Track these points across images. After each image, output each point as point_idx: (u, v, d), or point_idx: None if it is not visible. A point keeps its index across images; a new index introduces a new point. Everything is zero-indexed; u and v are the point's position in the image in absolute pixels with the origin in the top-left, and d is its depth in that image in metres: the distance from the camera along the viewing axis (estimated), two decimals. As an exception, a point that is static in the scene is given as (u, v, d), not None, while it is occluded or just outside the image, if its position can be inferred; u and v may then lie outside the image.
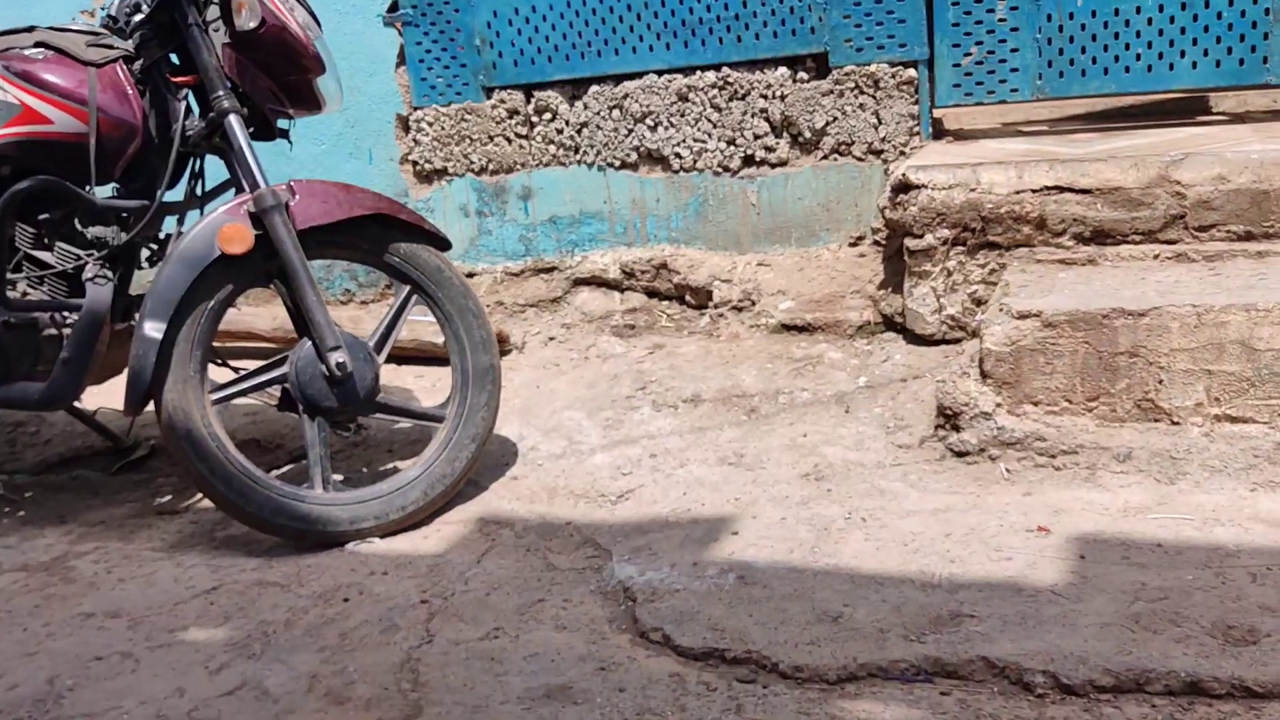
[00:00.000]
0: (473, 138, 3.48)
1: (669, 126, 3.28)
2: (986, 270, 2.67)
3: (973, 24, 2.96)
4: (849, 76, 3.09)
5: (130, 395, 2.15)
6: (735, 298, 3.15)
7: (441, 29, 3.42)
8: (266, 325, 3.36)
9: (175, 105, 2.30)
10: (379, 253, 2.30)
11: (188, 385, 2.18)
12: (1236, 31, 2.78)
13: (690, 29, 3.20)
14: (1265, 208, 2.42)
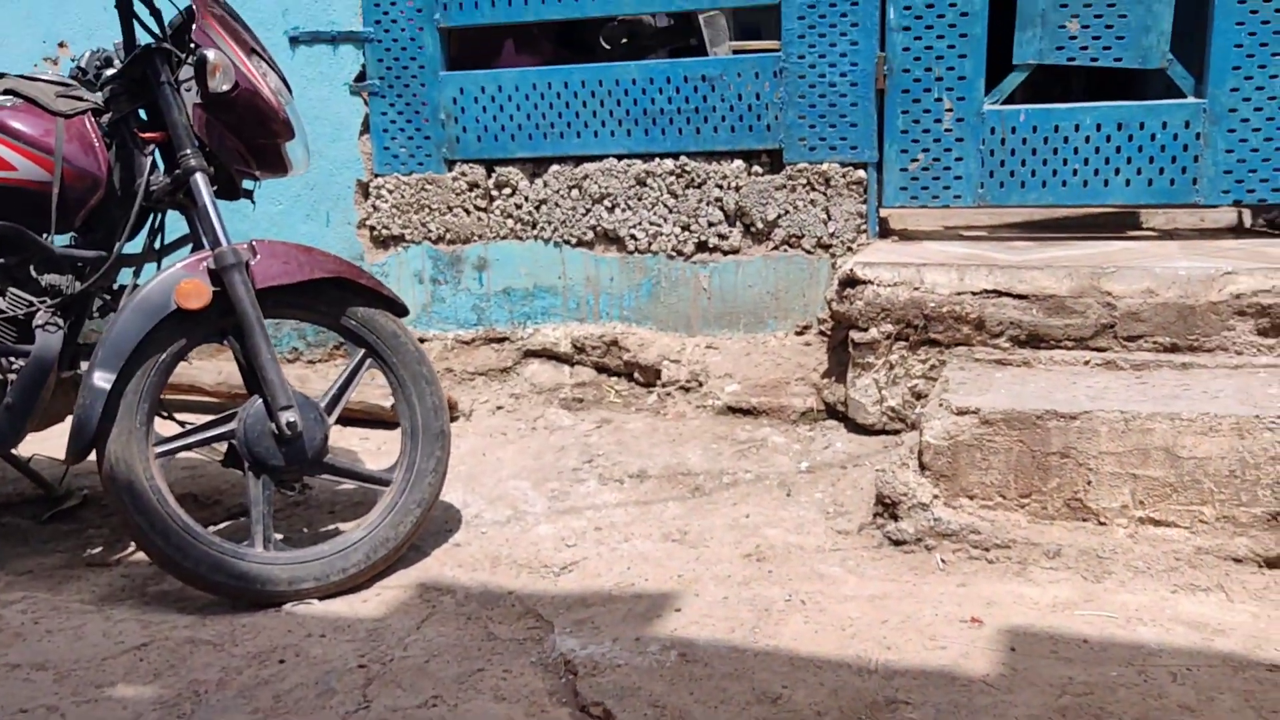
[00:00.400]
0: (432, 207, 3.53)
1: (626, 209, 3.36)
2: (927, 365, 2.76)
3: (920, 132, 3.10)
4: (802, 173, 3.20)
5: (73, 444, 2.13)
6: (683, 378, 3.21)
7: (408, 101, 3.49)
8: (211, 380, 3.34)
9: (141, 160, 2.32)
10: (336, 315, 2.32)
11: (132, 437, 2.16)
12: (1168, 153, 2.94)
13: (651, 118, 3.30)
14: (1190, 322, 2.54)
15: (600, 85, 3.34)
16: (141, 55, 2.26)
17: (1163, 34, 2.92)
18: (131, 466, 2.15)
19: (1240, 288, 2.52)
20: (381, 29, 3.48)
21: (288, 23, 3.55)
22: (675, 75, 3.28)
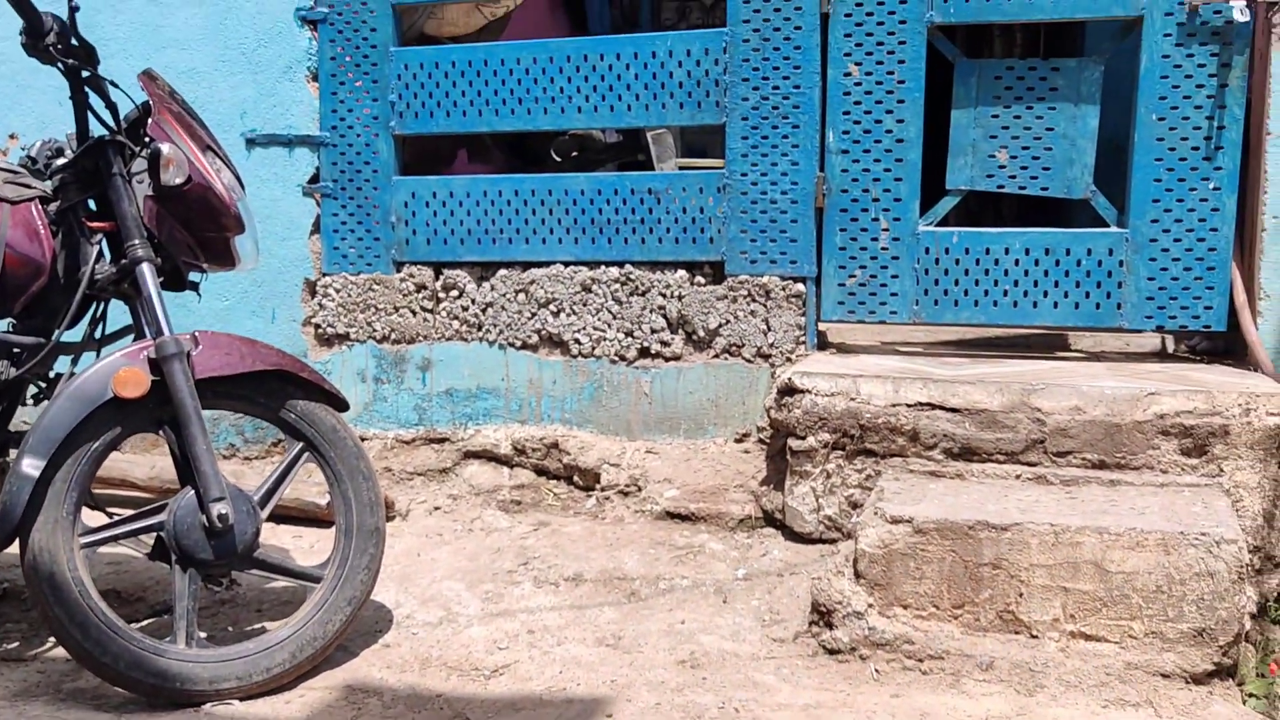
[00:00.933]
0: (379, 307, 3.55)
1: (571, 314, 3.41)
2: (863, 475, 2.80)
3: (857, 249, 3.21)
4: (743, 285, 3.28)
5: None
6: (622, 482, 3.22)
7: (359, 203, 3.54)
8: (143, 474, 3.28)
9: (87, 249, 2.32)
10: (275, 408, 2.31)
11: (58, 526, 2.11)
12: (1094, 279, 3.07)
13: (598, 227, 3.38)
14: (1117, 440, 2.62)
15: (550, 194, 3.42)
16: (94, 146, 2.28)
17: (1086, 166, 3.07)
18: (55, 557, 2.09)
19: (1164, 408, 2.60)
20: (338, 134, 3.54)
21: (245, 125, 3.60)
22: (623, 187, 3.37)
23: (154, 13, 3.65)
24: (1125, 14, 2.97)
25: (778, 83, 3.21)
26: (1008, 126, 3.12)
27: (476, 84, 3.45)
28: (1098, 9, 2.99)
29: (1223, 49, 2.90)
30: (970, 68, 3.15)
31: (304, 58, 3.55)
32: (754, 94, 3.23)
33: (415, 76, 3.48)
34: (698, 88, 3.29)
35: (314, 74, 3.55)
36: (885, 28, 3.12)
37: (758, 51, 3.22)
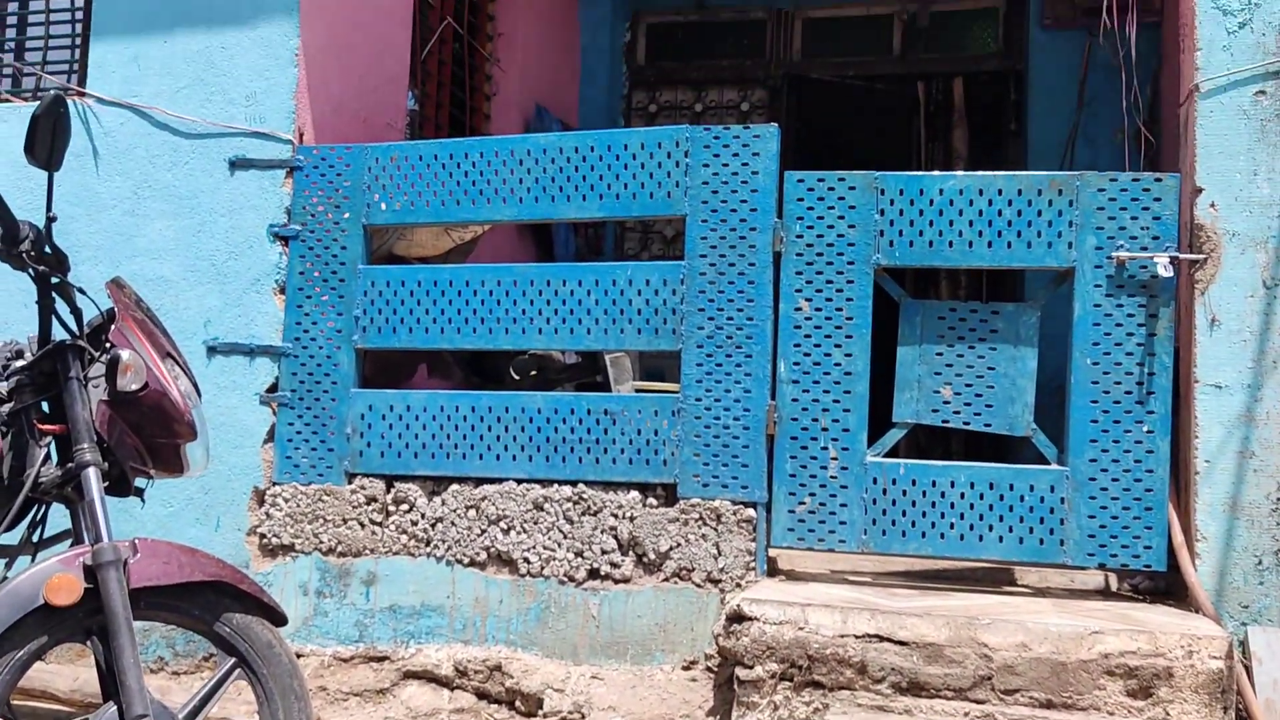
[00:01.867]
0: (327, 518, 3.52)
1: (521, 532, 3.39)
2: (811, 709, 2.74)
3: (807, 476, 3.25)
4: (694, 508, 3.30)
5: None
6: (566, 709, 3.12)
7: (316, 414, 3.57)
8: (65, 686, 3.15)
9: (35, 451, 2.30)
10: (210, 620, 2.26)
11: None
12: (1036, 514, 3.12)
13: (553, 445, 3.42)
14: (1063, 679, 2.60)
15: (506, 412, 3.46)
16: (54, 350, 2.31)
17: (1026, 405, 3.18)
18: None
19: (1108, 648, 2.60)
20: (300, 345, 3.61)
21: (208, 333, 3.66)
22: (579, 408, 3.43)
23: (130, 223, 3.77)
24: (1058, 265, 3.15)
25: (732, 314, 3.34)
26: (951, 364, 3.24)
27: (441, 303, 3.55)
28: (1032, 259, 3.18)
29: (1150, 301, 3.07)
30: (915, 308, 3.30)
31: (273, 271, 3.65)
32: (709, 323, 3.35)
33: (381, 294, 3.58)
34: (656, 315, 3.41)
35: (281, 287, 3.65)
36: (834, 267, 3.28)
37: (714, 284, 3.36)
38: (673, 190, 3.41)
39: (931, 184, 3.25)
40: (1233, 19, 3.04)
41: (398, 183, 3.61)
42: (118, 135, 3.80)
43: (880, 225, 3.25)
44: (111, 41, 3.83)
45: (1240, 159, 3.00)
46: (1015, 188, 3.18)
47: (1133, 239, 3.08)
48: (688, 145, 3.41)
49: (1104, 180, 3.12)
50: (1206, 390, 3.02)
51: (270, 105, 3.68)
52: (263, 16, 3.68)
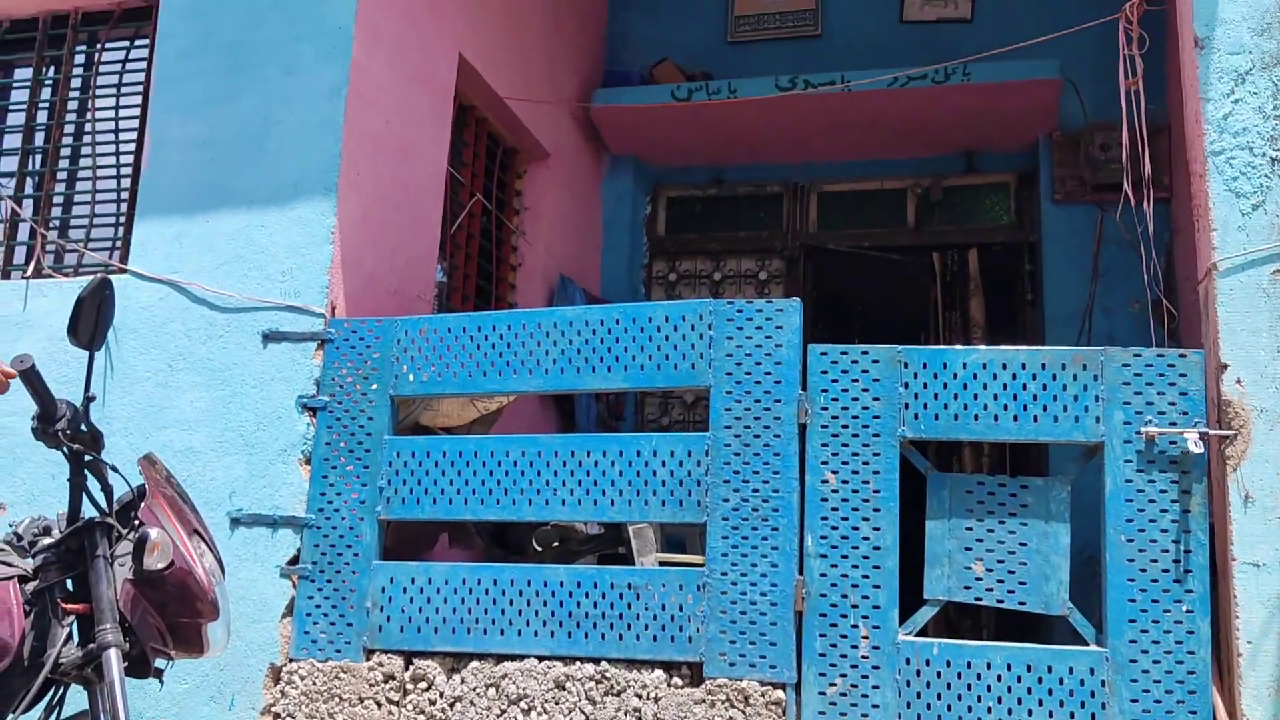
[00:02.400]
0: (343, 697, 3.43)
1: (543, 713, 3.29)
2: None
3: (838, 656, 3.17)
4: (721, 689, 3.20)
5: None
6: None
7: (335, 587, 3.53)
8: None
9: (57, 631, 2.29)
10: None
11: None
12: (1077, 698, 3.01)
13: (575, 621, 3.35)
14: None
15: (529, 585, 3.41)
16: (83, 528, 2.31)
17: (1061, 583, 3.12)
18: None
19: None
20: (323, 516, 3.59)
21: (233, 504, 3.66)
22: (602, 581, 3.38)
23: (162, 395, 3.81)
24: (1086, 440, 3.14)
25: (758, 486, 3.32)
26: (982, 539, 3.19)
27: (465, 473, 3.55)
28: (1059, 434, 3.17)
29: (1182, 476, 3.04)
30: (942, 481, 3.28)
31: (300, 442, 3.67)
32: (734, 495, 3.33)
33: (406, 464, 3.59)
34: (680, 487, 3.39)
35: (307, 458, 3.66)
36: (860, 439, 3.28)
37: (738, 455, 3.35)
38: (696, 362, 3.44)
39: (955, 358, 3.28)
40: (1245, 201, 3.11)
41: (425, 354, 3.66)
42: (155, 310, 3.89)
43: (905, 398, 3.27)
44: (155, 220, 3.97)
45: (1263, 336, 3.03)
46: (1039, 362, 3.20)
47: (1161, 414, 3.08)
48: (711, 318, 3.46)
49: (1128, 356, 3.14)
50: (1244, 569, 2.96)
51: (304, 280, 3.77)
52: (302, 197, 3.82)
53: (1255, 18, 3.20)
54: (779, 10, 6.87)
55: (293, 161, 3.85)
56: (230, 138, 3.96)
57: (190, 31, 4.11)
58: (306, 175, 3.83)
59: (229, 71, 4.01)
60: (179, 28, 4.13)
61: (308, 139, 3.85)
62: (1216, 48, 3.22)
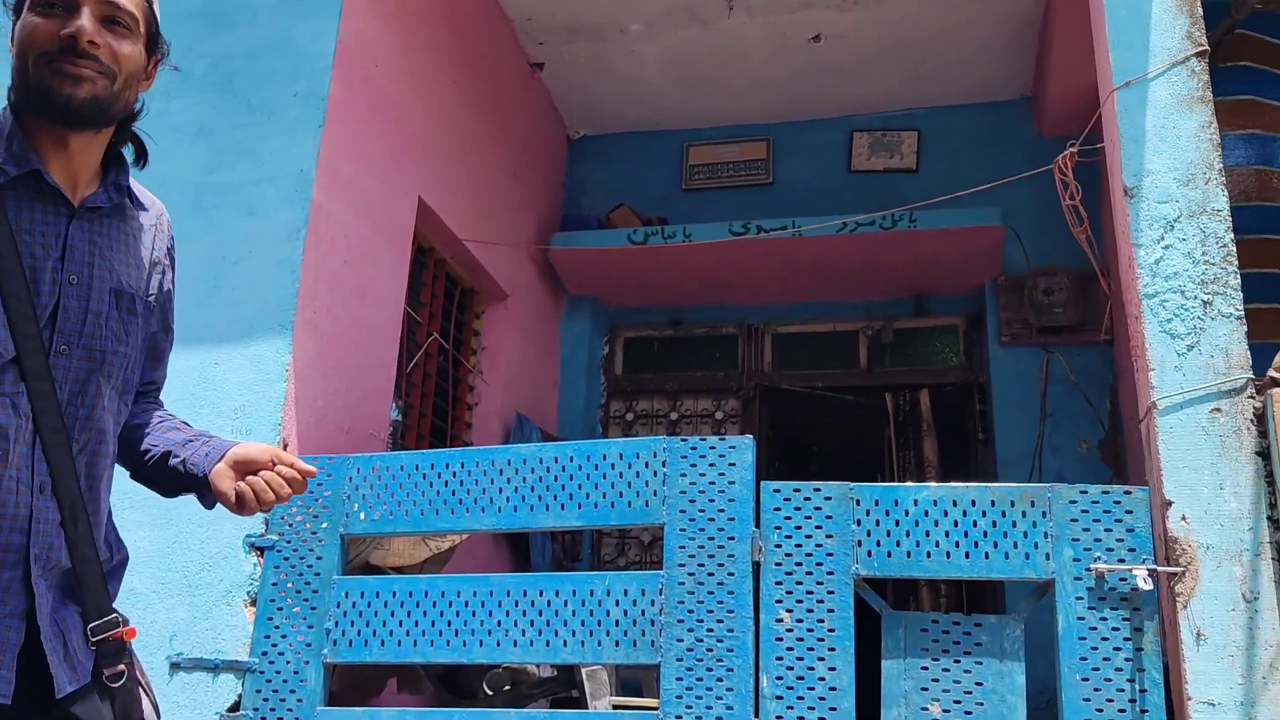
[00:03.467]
0: None
1: None
2: None
3: (797, 802, 3.08)
4: (677, 839, 3.10)
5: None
6: None
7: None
8: None
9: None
10: None
11: None
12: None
13: (526, 769, 3.24)
14: None
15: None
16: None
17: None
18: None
19: None
20: (267, 660, 3.49)
21: (173, 648, 3.55)
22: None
23: (105, 533, 3.73)
24: (1037, 576, 3.15)
25: (712, 625, 3.28)
26: (938, 679, 3.16)
27: (415, 614, 3.47)
28: (1010, 570, 3.18)
29: (1133, 614, 3.05)
30: (896, 619, 3.26)
31: (245, 582, 3.59)
32: (689, 635, 3.28)
33: (355, 605, 3.51)
34: (633, 627, 3.34)
35: (253, 599, 3.58)
36: (814, 578, 3.26)
37: (692, 594, 3.32)
38: (650, 499, 3.44)
39: (906, 495, 3.30)
40: (1180, 342, 3.22)
41: (377, 492, 3.63)
42: (102, 446, 3.84)
43: (858, 535, 3.27)
44: (107, 356, 3.96)
45: (1205, 473, 3.08)
46: (988, 499, 3.23)
47: (1109, 551, 3.10)
48: (665, 455, 3.47)
49: (1074, 493, 3.18)
50: (1200, 708, 2.94)
51: (257, 417, 3.75)
52: (258, 335, 3.83)
53: (1180, 169, 3.36)
54: (732, 160, 7.12)
55: (250, 300, 3.89)
56: (187, 276, 3.95)
57: (150, 173, 4.17)
58: (263, 314, 3.85)
59: (188, 212, 4.07)
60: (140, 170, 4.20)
61: (266, 278, 3.90)
62: (1145, 197, 3.37)
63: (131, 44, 1.75)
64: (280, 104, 4.14)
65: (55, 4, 1.67)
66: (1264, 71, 5.52)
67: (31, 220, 1.68)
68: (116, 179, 1.84)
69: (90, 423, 1.73)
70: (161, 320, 1.95)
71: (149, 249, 1.90)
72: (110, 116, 1.76)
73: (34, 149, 1.70)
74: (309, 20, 4.22)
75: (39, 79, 1.65)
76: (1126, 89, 3.46)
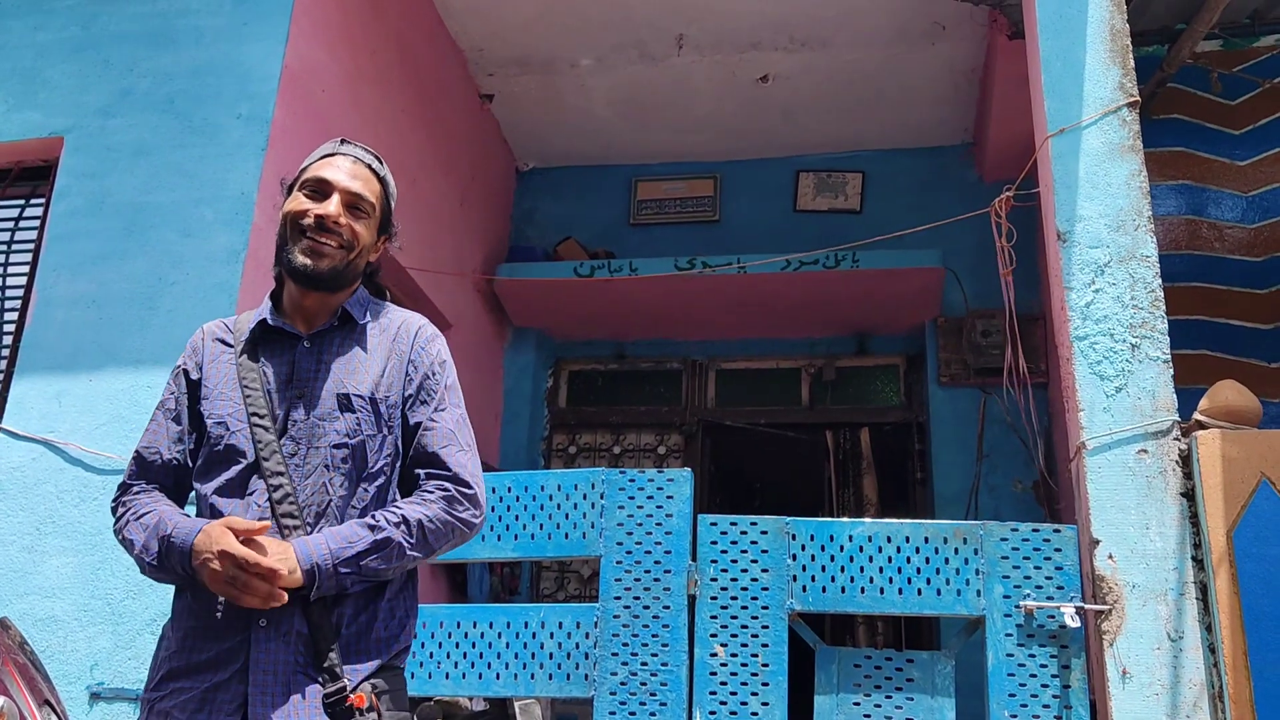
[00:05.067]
0: None
1: None
2: None
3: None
4: None
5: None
6: None
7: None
8: None
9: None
10: None
11: None
12: None
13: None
14: None
15: (406, 766, 3.25)
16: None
17: (949, 759, 3.09)
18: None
19: None
20: (190, 690, 3.40)
21: (93, 678, 3.45)
22: (484, 762, 3.24)
23: (26, 560, 3.63)
24: (968, 613, 3.18)
25: (646, 659, 3.26)
26: (869, 715, 3.17)
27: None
28: (942, 607, 3.20)
29: (1061, 651, 3.09)
30: (830, 654, 3.26)
31: (170, 611, 3.50)
32: (623, 668, 3.26)
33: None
34: (567, 659, 3.31)
35: (179, 628, 3.49)
36: (749, 612, 3.26)
37: (627, 627, 3.30)
38: (588, 531, 3.42)
39: (841, 530, 3.32)
40: (1109, 383, 3.28)
41: (311, 521, 3.57)
42: (27, 470, 3.75)
43: (793, 570, 3.28)
44: (34, 378, 3.87)
45: (1131, 513, 3.14)
46: (922, 535, 3.26)
47: (1038, 588, 3.14)
48: (604, 487, 3.46)
49: (1005, 530, 3.22)
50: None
51: (188, 442, 3.68)
52: (191, 357, 3.77)
53: (1110, 215, 3.45)
54: (679, 196, 7.18)
55: (186, 322, 3.82)
56: (120, 297, 3.93)
57: (87, 191, 4.12)
58: (199, 336, 3.79)
59: (123, 232, 4.01)
60: (76, 187, 4.14)
61: (202, 300, 3.84)
62: (1077, 241, 3.45)
63: (367, 226, 2.18)
64: (223, 126, 4.10)
65: (317, 190, 2.13)
66: (1195, 125, 5.70)
67: (269, 354, 2.12)
68: (345, 308, 2.16)
69: (322, 509, 2.00)
70: (421, 410, 2.14)
71: (382, 356, 2.15)
72: (342, 283, 2.15)
73: (281, 300, 2.17)
74: (255, 43, 4.19)
75: (292, 248, 2.10)
76: (1060, 136, 3.55)
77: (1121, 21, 3.65)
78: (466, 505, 2.08)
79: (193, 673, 1.91)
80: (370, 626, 2.00)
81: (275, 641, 1.90)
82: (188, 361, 2.18)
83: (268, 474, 1.98)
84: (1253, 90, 5.59)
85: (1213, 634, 2.99)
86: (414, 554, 2.00)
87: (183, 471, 2.12)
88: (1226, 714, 2.90)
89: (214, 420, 2.06)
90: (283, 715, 1.87)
